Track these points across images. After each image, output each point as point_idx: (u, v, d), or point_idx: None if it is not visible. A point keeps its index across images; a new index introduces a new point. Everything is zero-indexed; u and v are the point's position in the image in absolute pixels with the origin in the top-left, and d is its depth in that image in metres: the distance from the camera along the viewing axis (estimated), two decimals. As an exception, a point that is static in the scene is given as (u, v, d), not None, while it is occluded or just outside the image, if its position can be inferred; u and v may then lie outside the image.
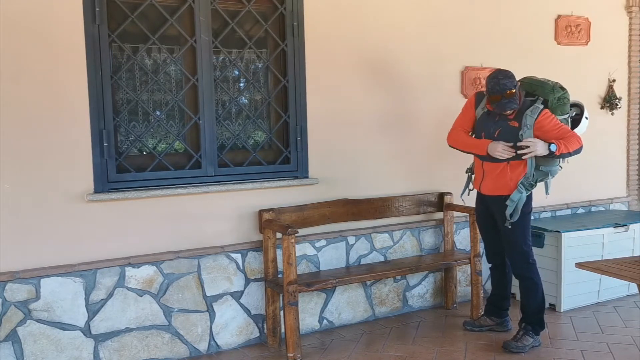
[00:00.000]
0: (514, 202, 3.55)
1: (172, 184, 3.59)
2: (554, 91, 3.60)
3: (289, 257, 3.45)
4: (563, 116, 3.61)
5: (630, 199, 5.50)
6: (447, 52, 4.44)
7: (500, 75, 3.46)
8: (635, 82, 5.38)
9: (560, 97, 3.59)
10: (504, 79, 3.43)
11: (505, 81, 3.42)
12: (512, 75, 3.47)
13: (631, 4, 5.23)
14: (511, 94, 3.42)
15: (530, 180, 3.58)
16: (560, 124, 3.53)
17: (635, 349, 3.66)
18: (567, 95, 3.63)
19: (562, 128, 3.53)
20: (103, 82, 3.33)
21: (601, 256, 4.40)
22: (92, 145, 3.33)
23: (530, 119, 3.49)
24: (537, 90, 3.63)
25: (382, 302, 4.32)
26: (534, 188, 3.63)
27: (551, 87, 3.61)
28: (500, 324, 4.00)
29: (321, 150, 4.02)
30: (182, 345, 3.64)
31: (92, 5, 3.26)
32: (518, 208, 3.56)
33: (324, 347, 3.80)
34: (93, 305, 3.38)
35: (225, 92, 3.79)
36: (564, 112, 3.60)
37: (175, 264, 3.59)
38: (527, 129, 3.50)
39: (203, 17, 3.60)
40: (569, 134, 3.53)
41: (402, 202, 4.29)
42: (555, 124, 3.51)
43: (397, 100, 4.28)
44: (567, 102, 3.63)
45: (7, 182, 3.14)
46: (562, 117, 3.60)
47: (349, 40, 4.05)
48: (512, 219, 3.57)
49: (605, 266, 2.99)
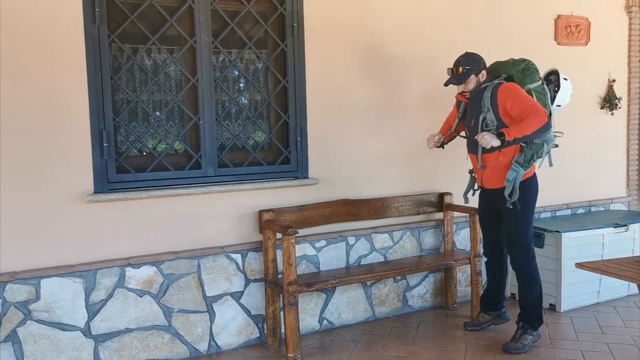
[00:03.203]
0: (510, 181, 3.49)
1: (172, 184, 3.59)
2: (514, 65, 3.59)
3: (289, 257, 3.45)
4: (536, 84, 3.54)
5: (630, 199, 5.50)
6: (447, 52, 4.42)
7: (463, 54, 3.59)
8: (635, 82, 5.38)
9: (524, 69, 3.56)
10: (462, 57, 3.58)
11: (461, 58, 3.57)
12: (476, 60, 3.54)
13: (631, 4, 5.23)
14: (458, 72, 3.52)
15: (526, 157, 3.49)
16: (524, 99, 3.34)
17: (635, 349, 3.66)
18: (531, 64, 3.58)
19: (524, 104, 3.31)
20: (103, 82, 3.33)
21: (601, 256, 4.40)
22: (92, 145, 3.33)
23: (487, 100, 3.46)
24: (500, 71, 3.62)
25: (382, 303, 4.32)
26: (532, 164, 3.53)
27: (511, 63, 3.62)
28: (498, 317, 3.99)
29: (321, 151, 4.02)
30: (182, 346, 3.64)
31: (92, 6, 3.26)
32: (516, 187, 3.50)
33: (324, 347, 3.80)
34: (93, 306, 3.38)
35: (225, 93, 3.79)
36: (534, 80, 3.54)
37: (175, 264, 3.59)
38: (487, 111, 3.45)
39: (203, 18, 3.60)
40: (529, 110, 3.27)
41: (402, 202, 4.29)
42: (517, 99, 3.35)
43: (397, 100, 4.29)
44: (534, 71, 3.57)
45: (6, 183, 3.14)
46: (535, 85, 3.53)
47: (349, 40, 4.05)
48: (512, 198, 3.51)
49: (605, 266, 2.98)
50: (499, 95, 3.42)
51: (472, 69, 3.53)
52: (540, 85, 3.57)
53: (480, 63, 3.55)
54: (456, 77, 3.56)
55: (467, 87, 3.57)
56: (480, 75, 3.55)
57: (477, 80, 3.55)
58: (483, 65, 3.57)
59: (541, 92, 3.57)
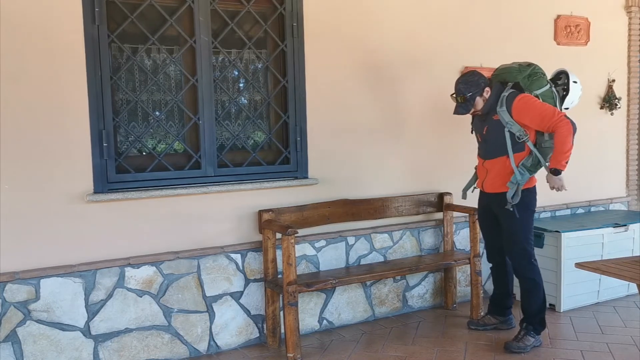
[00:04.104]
0: (514, 184, 3.50)
1: (171, 184, 3.59)
2: (520, 71, 3.57)
3: (289, 257, 3.45)
4: (543, 89, 3.54)
5: (629, 199, 5.50)
6: (447, 52, 4.44)
7: (461, 79, 3.59)
8: (635, 82, 5.38)
9: (531, 74, 3.56)
10: (461, 84, 3.56)
11: (460, 86, 3.56)
12: (475, 82, 3.52)
13: (630, 4, 5.23)
14: (463, 99, 3.52)
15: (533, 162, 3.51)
16: (540, 110, 3.40)
17: (635, 349, 3.66)
18: (538, 69, 3.58)
19: (542, 115, 3.38)
20: (102, 82, 3.33)
21: (601, 256, 4.40)
22: (92, 145, 3.33)
23: (505, 114, 3.48)
24: (506, 77, 3.61)
25: (381, 303, 4.32)
26: (538, 169, 3.57)
27: (517, 69, 3.59)
28: (504, 322, 4.00)
29: (321, 151, 4.02)
30: (182, 346, 3.64)
31: (92, 6, 3.26)
32: (519, 191, 3.51)
33: (323, 347, 3.80)
34: (93, 306, 3.38)
35: (224, 93, 3.79)
36: (541, 86, 3.55)
37: (174, 264, 3.59)
38: (512, 124, 3.47)
39: (202, 18, 3.60)
40: (551, 122, 3.34)
41: (402, 202, 4.29)
42: (532, 113, 3.41)
43: (396, 100, 4.29)
44: (540, 75, 3.57)
45: (6, 183, 3.14)
46: (542, 90, 3.54)
47: (349, 40, 4.05)
48: (513, 201, 3.51)
49: (605, 266, 2.99)
50: (513, 112, 3.46)
51: (475, 93, 3.53)
52: (548, 90, 3.57)
53: (479, 84, 3.53)
54: (462, 106, 3.57)
55: (476, 108, 3.59)
56: (484, 94, 3.55)
57: (483, 99, 3.56)
58: (484, 83, 3.55)
59: (549, 96, 3.57)
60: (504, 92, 3.52)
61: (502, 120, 3.50)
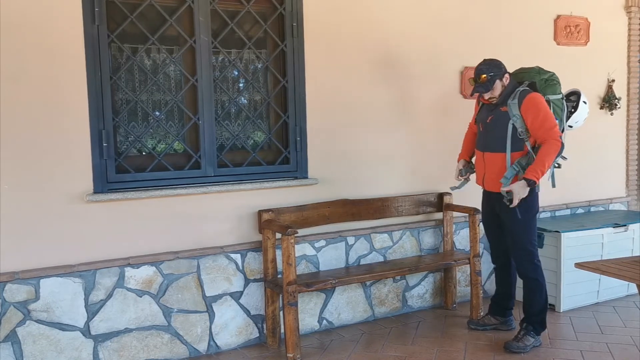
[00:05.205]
0: (508, 179, 3.52)
1: (171, 184, 3.59)
2: (539, 73, 3.64)
3: (289, 257, 3.45)
4: (556, 96, 3.60)
5: (629, 199, 5.50)
6: (447, 52, 4.44)
7: (482, 62, 3.60)
8: (635, 82, 5.38)
9: (548, 79, 3.62)
10: (482, 64, 3.58)
11: (482, 66, 3.57)
12: (497, 65, 3.55)
13: (630, 4, 5.23)
14: (483, 80, 3.51)
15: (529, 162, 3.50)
16: (545, 119, 3.44)
17: (634, 349, 3.66)
18: (555, 77, 3.65)
19: (544, 125, 3.43)
20: (102, 82, 3.33)
21: (600, 256, 4.40)
22: (92, 145, 3.33)
23: (514, 107, 3.50)
24: (524, 77, 3.67)
25: (381, 303, 4.32)
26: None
27: (537, 70, 3.66)
28: (504, 323, 4.00)
29: (320, 151, 4.02)
30: (182, 346, 3.64)
31: (92, 6, 3.26)
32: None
33: (323, 347, 3.80)
34: (92, 306, 3.38)
35: (224, 93, 3.79)
36: (555, 92, 3.59)
37: (174, 264, 3.59)
38: (517, 118, 3.50)
39: (202, 18, 3.60)
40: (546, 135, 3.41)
41: (402, 202, 4.29)
42: (538, 115, 3.44)
43: (396, 100, 4.29)
44: (556, 83, 3.63)
45: (6, 183, 3.14)
46: (555, 97, 3.59)
47: (349, 40, 4.05)
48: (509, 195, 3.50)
49: (605, 266, 2.98)
50: (523, 104, 3.48)
51: (496, 75, 3.53)
52: (560, 99, 3.63)
53: (501, 67, 3.56)
54: (482, 85, 3.54)
55: (494, 93, 3.58)
56: (504, 79, 3.56)
57: (502, 85, 3.57)
58: (505, 69, 3.58)
59: (559, 106, 3.63)
60: (520, 87, 3.56)
61: (509, 112, 3.52)
